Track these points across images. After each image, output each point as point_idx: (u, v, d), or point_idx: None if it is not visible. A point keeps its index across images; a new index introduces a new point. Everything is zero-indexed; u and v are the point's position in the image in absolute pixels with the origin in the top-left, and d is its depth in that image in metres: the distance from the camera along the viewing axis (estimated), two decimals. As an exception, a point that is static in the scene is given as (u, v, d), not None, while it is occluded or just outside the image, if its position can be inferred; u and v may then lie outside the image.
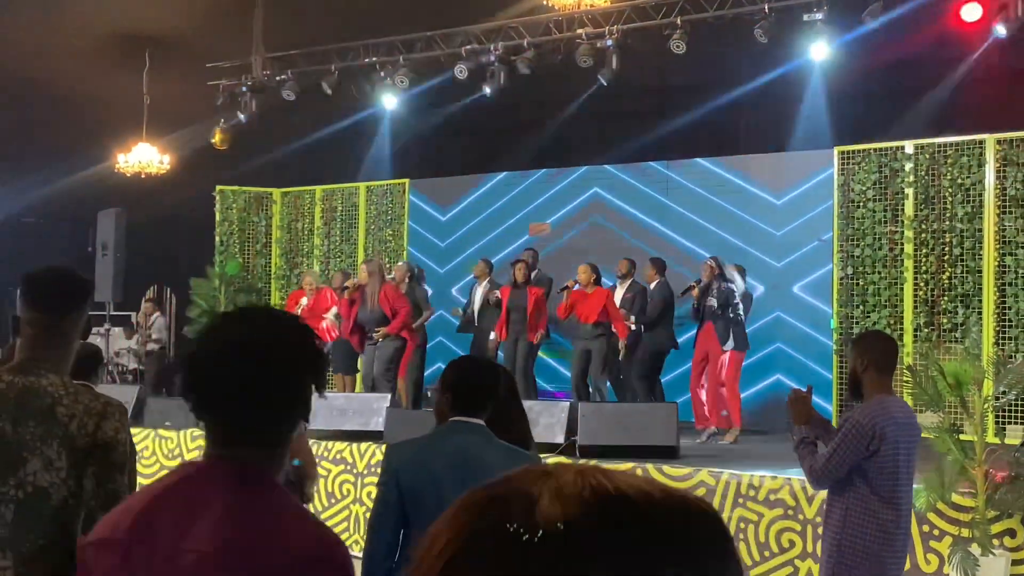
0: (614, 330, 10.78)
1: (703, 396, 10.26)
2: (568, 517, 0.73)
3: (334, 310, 12.16)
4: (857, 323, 10.89)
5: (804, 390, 4.60)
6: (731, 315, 10.00)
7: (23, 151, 15.15)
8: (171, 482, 1.93)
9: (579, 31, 12.65)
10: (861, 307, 10.90)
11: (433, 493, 3.39)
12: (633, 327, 10.81)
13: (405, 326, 10.95)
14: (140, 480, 10.04)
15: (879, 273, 10.84)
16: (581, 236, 13.47)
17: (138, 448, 10.21)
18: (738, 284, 10.35)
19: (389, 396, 10.08)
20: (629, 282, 11.13)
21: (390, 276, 11.81)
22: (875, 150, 11.06)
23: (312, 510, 8.83)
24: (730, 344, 10.02)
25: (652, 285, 10.90)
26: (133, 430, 10.29)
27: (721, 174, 12.78)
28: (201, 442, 6.83)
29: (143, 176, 14.86)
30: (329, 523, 9.14)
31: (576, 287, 10.81)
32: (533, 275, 11.83)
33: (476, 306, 11.91)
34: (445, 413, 3.61)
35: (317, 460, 9.21)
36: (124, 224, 13.43)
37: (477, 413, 3.56)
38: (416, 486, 3.46)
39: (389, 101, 14.01)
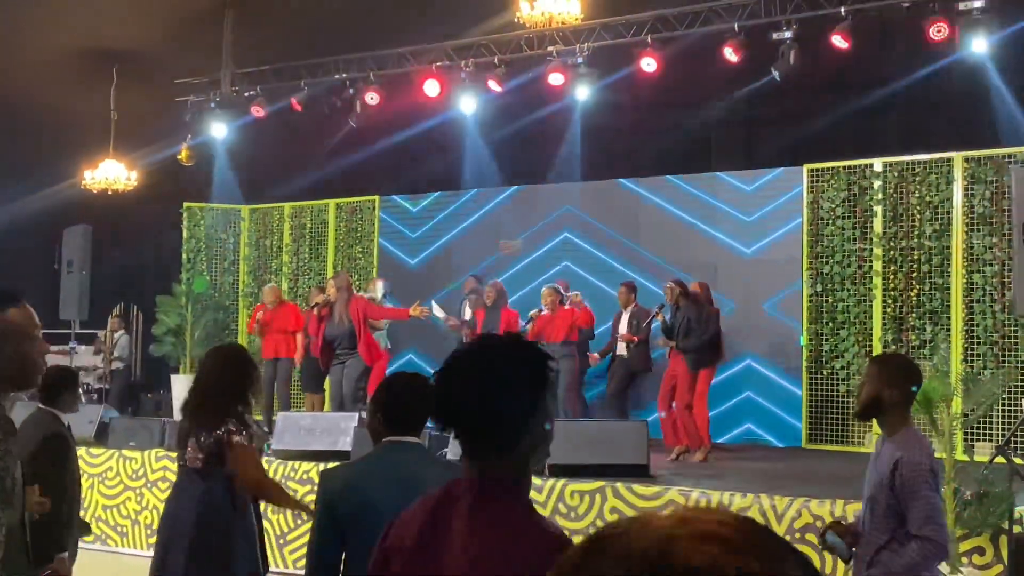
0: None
1: (669, 416, 10.19)
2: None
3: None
4: (826, 340, 10.90)
5: (829, 535, 4.13)
6: (695, 335, 9.97)
7: (-12, 167, 14.99)
8: (440, 496, 2.20)
9: (550, 48, 12.66)
10: (830, 324, 10.91)
11: (369, 516, 3.24)
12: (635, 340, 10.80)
13: (403, 316, 11.05)
14: (102, 500, 9.90)
15: (848, 290, 10.86)
16: (552, 253, 13.42)
17: (101, 469, 10.07)
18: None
19: (357, 415, 9.97)
20: (632, 308, 11.06)
21: (365, 293, 11.75)
22: (844, 168, 11.11)
23: (278, 530, 8.71)
24: (698, 366, 9.98)
25: (629, 308, 10.94)
26: (95, 451, 10.15)
27: (691, 191, 12.78)
28: (166, 463, 6.75)
29: (110, 192, 14.72)
30: (295, 544, 9.04)
31: (543, 312, 10.87)
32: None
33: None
34: (380, 432, 3.51)
35: (284, 480, 9.10)
36: (90, 241, 13.27)
37: (411, 432, 3.47)
38: (350, 511, 3.34)
39: (359, 118, 13.93)
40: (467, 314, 11.91)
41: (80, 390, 5.85)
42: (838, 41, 11.09)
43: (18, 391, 2.82)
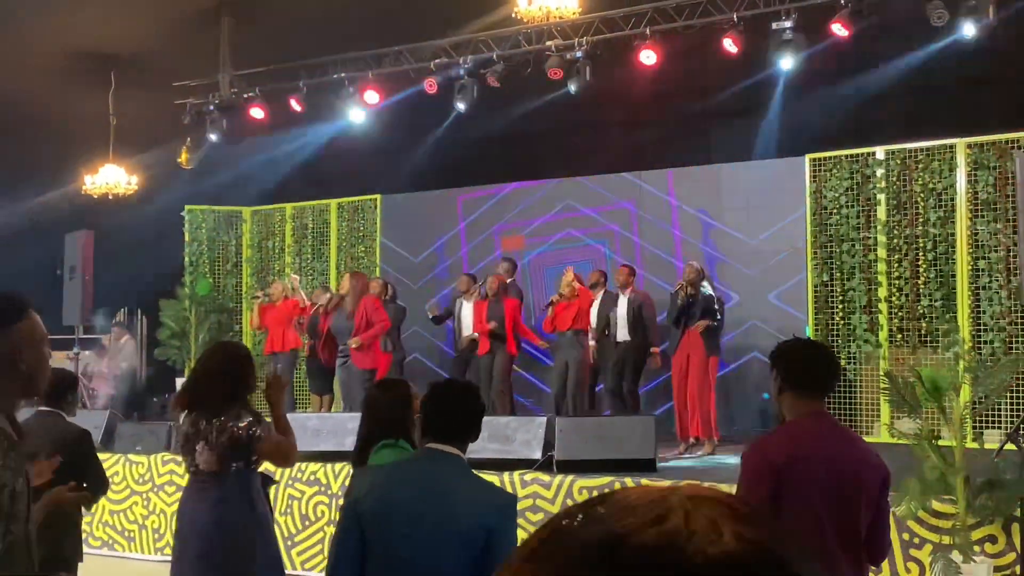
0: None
1: (688, 405, 10.04)
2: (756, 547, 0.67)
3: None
4: (835, 330, 10.87)
5: None
6: (714, 320, 9.91)
7: (-12, 174, 14.94)
8: (809, 424, 3.57)
9: (548, 43, 12.60)
10: (837, 314, 10.88)
11: (394, 523, 3.23)
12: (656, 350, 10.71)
13: (375, 337, 10.84)
14: (109, 505, 9.87)
15: (855, 279, 10.82)
16: (554, 249, 13.39)
17: (108, 473, 10.01)
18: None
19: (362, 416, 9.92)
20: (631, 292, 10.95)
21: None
22: (846, 157, 11.06)
23: (285, 532, 8.69)
24: (713, 350, 9.94)
25: (628, 292, 10.83)
26: (102, 455, 10.08)
27: (693, 182, 12.74)
28: (173, 466, 6.72)
29: (111, 197, 14.68)
30: (302, 545, 9.01)
31: (560, 299, 10.80)
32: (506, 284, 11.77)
33: (468, 322, 11.77)
34: (422, 439, 3.45)
35: (291, 482, 9.08)
36: (92, 246, 13.23)
37: (452, 441, 3.35)
38: (376, 514, 3.27)
39: (358, 116, 13.89)
40: (465, 309, 11.84)
41: (78, 396, 5.82)
42: (838, 29, 11.03)
43: (27, 399, 2.79)
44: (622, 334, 10.76)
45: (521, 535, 3.71)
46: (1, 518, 2.51)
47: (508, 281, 11.82)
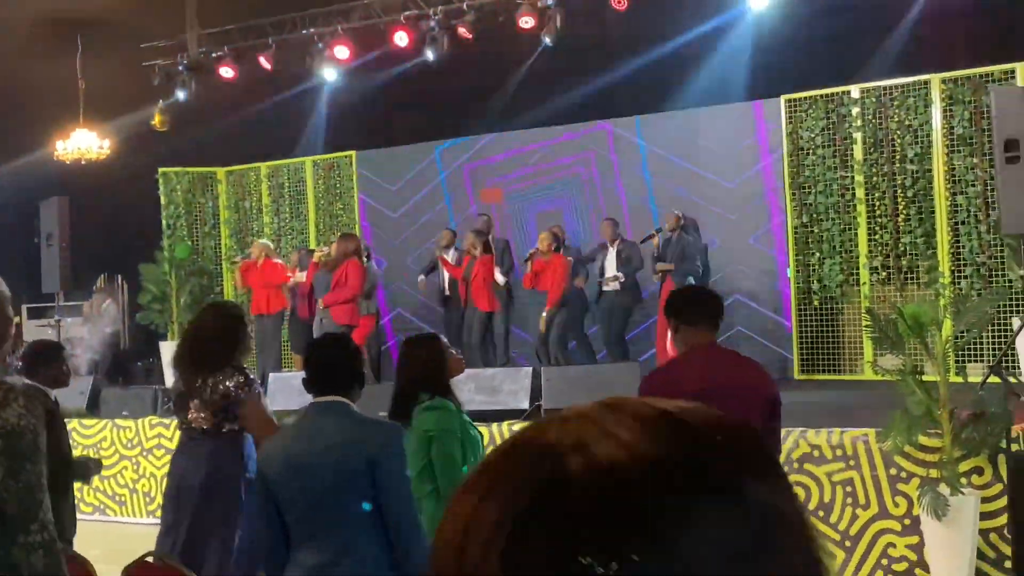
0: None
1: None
2: (644, 455, 0.65)
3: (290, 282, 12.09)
4: (813, 271, 10.93)
5: None
6: (689, 268, 9.96)
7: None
8: (691, 358, 4.04)
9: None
10: (816, 254, 10.93)
11: (294, 482, 3.43)
12: (620, 282, 10.75)
13: (337, 302, 10.82)
14: (101, 471, 9.85)
15: (832, 220, 10.86)
16: (532, 198, 13.36)
17: (95, 439, 10.04)
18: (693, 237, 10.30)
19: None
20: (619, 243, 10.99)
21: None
22: (822, 96, 11.05)
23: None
24: None
25: (616, 244, 10.87)
26: (88, 422, 10.12)
27: (669, 128, 12.71)
28: (160, 429, 6.66)
29: (84, 162, 14.53)
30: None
31: (537, 254, 10.80)
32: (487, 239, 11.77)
33: (446, 278, 11.81)
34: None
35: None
36: (68, 212, 13.09)
37: (336, 391, 3.53)
38: (277, 478, 3.46)
39: (329, 72, 13.76)
40: (451, 257, 11.87)
41: (66, 364, 5.70)
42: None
43: None
44: (612, 285, 10.82)
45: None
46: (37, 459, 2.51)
47: (485, 238, 11.79)
